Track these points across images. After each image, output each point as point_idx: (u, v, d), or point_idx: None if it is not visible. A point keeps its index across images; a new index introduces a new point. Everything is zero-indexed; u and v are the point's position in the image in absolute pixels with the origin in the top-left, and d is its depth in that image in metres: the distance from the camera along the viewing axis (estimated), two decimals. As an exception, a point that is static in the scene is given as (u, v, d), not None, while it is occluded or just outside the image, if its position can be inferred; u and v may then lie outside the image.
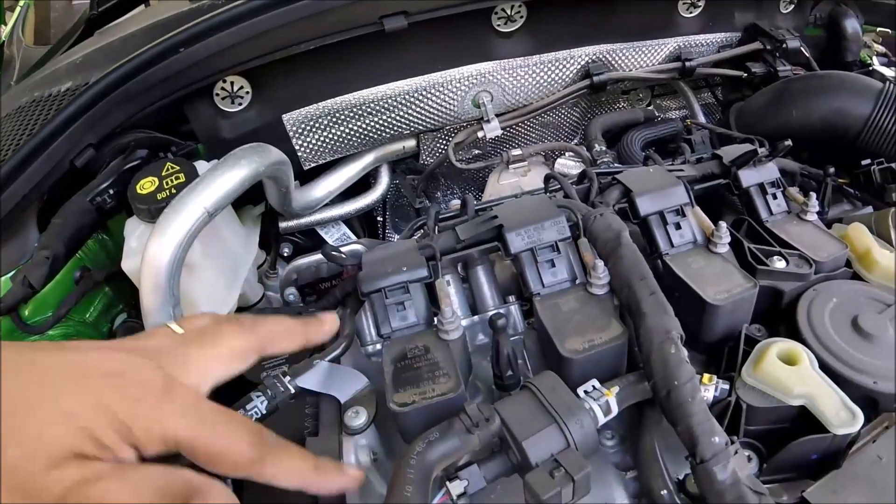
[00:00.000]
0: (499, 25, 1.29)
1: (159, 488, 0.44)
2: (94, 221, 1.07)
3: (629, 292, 0.74)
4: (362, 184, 1.40)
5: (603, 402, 0.68)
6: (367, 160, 1.37)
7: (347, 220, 1.39)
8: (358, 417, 0.76)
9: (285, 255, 1.32)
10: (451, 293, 0.86)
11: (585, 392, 0.69)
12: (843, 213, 1.17)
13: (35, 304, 1.04)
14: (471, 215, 0.93)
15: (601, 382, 0.71)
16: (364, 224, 1.52)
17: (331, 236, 1.37)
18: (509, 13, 1.27)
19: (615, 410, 0.69)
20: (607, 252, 0.80)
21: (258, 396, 0.67)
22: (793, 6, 1.53)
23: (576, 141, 1.56)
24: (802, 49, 1.44)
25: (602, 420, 0.68)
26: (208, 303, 1.01)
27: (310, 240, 1.37)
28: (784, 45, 1.41)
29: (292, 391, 0.71)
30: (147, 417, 0.45)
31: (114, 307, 1.19)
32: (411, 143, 1.40)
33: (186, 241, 0.85)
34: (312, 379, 0.75)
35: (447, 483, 0.64)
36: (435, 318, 0.80)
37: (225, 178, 0.89)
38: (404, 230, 1.01)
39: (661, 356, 0.67)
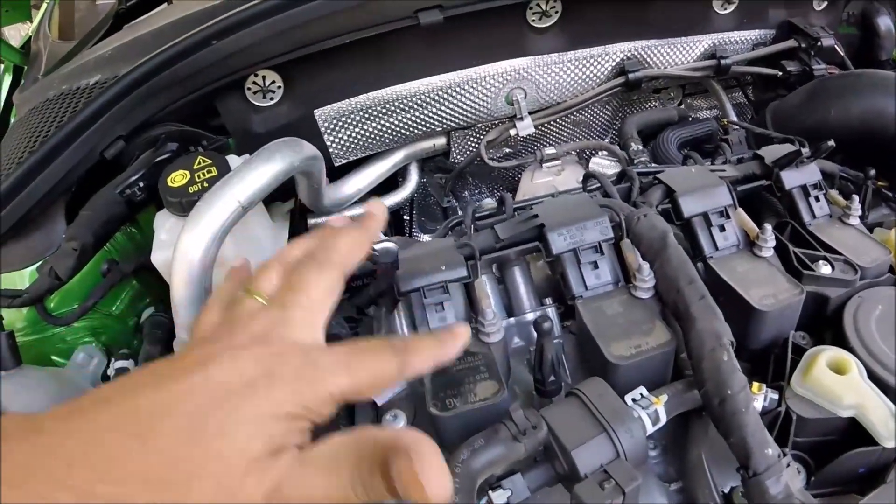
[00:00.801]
0: (534, 21, 1.26)
1: (352, 458, 0.45)
2: (123, 213, 1.06)
3: (677, 296, 0.72)
4: (389, 182, 1.38)
5: (652, 410, 0.66)
6: (397, 157, 1.35)
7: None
8: (396, 421, 0.75)
9: (313, 251, 1.31)
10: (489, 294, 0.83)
11: (633, 400, 0.67)
12: (882, 217, 1.14)
13: (61, 296, 1.04)
14: (509, 214, 0.90)
15: (648, 390, 0.69)
16: (391, 222, 1.50)
17: (359, 234, 1.35)
18: (544, 8, 1.25)
19: (664, 419, 0.67)
20: (653, 254, 0.78)
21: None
22: (826, 3, 1.50)
23: (608, 140, 1.53)
24: (837, 47, 1.41)
25: (650, 429, 0.66)
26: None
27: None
28: (819, 44, 1.38)
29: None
30: (312, 390, 0.47)
31: (140, 300, 1.18)
32: (441, 140, 1.38)
33: (220, 234, 0.83)
34: None
35: (489, 492, 0.62)
36: (474, 320, 0.78)
37: (259, 171, 0.87)
38: (439, 228, 0.99)
39: (713, 363, 0.65)
